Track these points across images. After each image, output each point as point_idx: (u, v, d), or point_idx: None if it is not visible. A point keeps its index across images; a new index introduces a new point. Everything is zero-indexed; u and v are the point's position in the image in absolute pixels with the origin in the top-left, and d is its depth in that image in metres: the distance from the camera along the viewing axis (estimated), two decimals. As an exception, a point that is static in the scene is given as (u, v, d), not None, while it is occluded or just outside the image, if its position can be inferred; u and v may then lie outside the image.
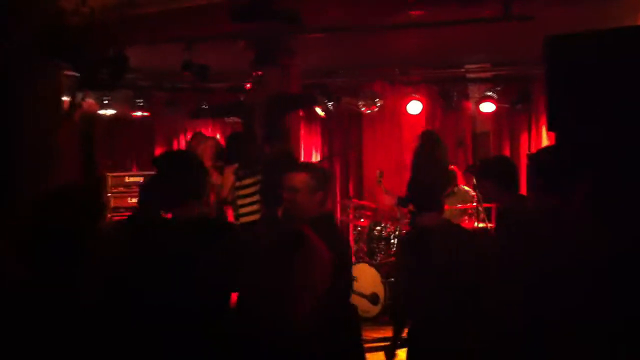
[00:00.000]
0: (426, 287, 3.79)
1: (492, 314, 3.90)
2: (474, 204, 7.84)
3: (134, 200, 9.37)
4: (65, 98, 8.93)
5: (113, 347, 2.60)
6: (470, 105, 9.77)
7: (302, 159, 10.66)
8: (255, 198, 5.64)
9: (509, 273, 3.98)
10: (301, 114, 9.80)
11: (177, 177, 3.17)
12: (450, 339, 3.72)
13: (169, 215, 3.35)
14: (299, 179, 3.65)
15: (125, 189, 9.96)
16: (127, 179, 10.08)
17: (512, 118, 9.76)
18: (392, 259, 8.01)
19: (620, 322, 2.85)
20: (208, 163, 7.45)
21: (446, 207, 6.19)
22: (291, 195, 3.60)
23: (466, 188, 8.24)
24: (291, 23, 4.78)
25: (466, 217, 8.17)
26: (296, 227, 3.45)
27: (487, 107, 9.40)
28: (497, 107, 9.38)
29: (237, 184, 6.00)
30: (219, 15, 6.14)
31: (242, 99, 8.98)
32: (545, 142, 9.43)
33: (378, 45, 8.14)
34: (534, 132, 9.60)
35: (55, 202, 2.67)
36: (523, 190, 5.30)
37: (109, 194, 9.85)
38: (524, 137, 9.68)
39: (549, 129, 3.44)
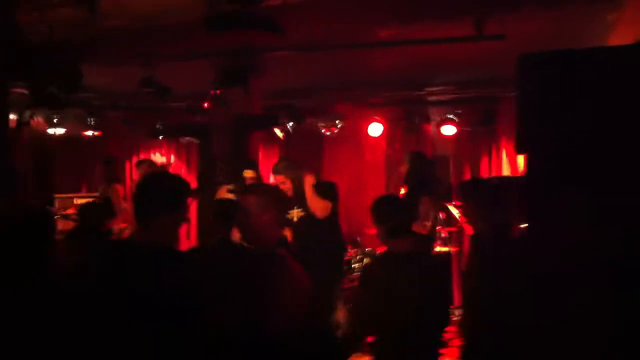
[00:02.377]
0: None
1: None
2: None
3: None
4: (12, 116, 8.66)
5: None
6: (431, 127, 9.71)
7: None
8: None
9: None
10: (260, 134, 9.61)
11: None
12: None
13: None
14: (249, 200, 3.51)
15: (73, 211, 9.53)
16: (75, 201, 9.65)
17: (473, 141, 9.71)
18: (355, 283, 7.81)
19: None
20: None
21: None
22: (242, 217, 3.41)
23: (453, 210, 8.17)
24: (270, 30, 4.56)
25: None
26: (272, 249, 3.37)
27: (448, 130, 9.35)
28: (458, 130, 9.32)
29: None
30: (180, 33, 5.92)
31: (198, 118, 8.75)
32: (505, 165, 9.44)
33: (341, 66, 8.02)
34: (494, 155, 9.58)
35: None
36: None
37: (56, 216, 9.41)
38: (484, 161, 9.65)
39: (517, 151, 3.33)
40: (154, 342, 2.78)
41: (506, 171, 9.42)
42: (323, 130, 9.57)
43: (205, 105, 7.79)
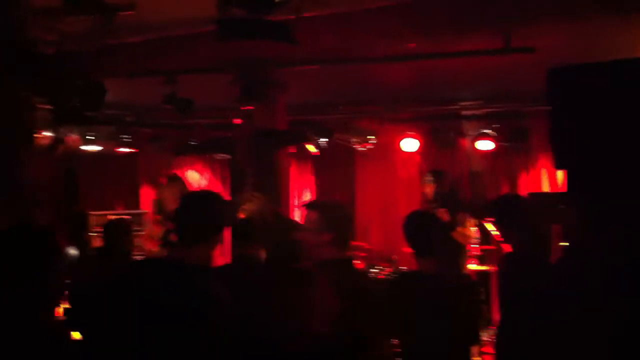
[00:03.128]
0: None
1: None
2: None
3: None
4: (48, 133, 8.76)
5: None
6: (466, 142, 9.47)
7: (291, 197, 10.39)
8: None
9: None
10: (291, 150, 9.51)
11: None
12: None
13: None
14: (309, 217, 3.50)
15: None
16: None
17: (508, 156, 9.41)
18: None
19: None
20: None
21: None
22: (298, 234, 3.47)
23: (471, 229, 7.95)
24: (284, 40, 4.43)
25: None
26: (302, 266, 3.34)
27: (485, 145, 9.09)
28: (496, 145, 9.06)
29: None
30: (202, 45, 5.85)
31: (229, 135, 8.69)
32: (545, 181, 9.13)
33: (372, 80, 7.88)
34: (531, 170, 9.28)
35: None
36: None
37: (90, 234, 9.45)
38: (521, 176, 9.35)
39: (556, 167, 3.17)
40: None
41: (545, 187, 9.11)
42: (355, 146, 9.40)
43: (235, 121, 7.74)
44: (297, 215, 10.46)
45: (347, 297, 3.15)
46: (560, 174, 8.82)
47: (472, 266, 8.12)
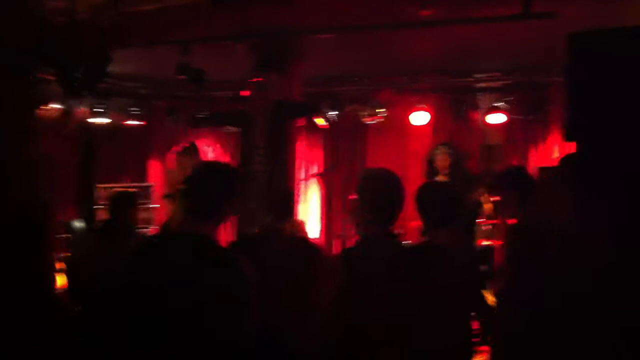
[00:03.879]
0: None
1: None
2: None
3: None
4: (57, 105, 8.66)
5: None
6: (479, 115, 9.37)
7: (302, 171, 10.33)
8: None
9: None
10: (302, 123, 9.43)
11: None
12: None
13: None
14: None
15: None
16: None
17: (524, 129, 9.33)
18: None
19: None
20: None
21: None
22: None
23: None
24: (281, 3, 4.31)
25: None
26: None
27: (498, 118, 8.99)
28: (509, 118, 8.95)
29: None
30: (218, 14, 5.75)
31: (242, 107, 8.60)
32: (555, 153, 9.05)
33: (385, 52, 7.76)
34: (547, 144, 9.19)
35: None
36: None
37: (97, 207, 9.40)
38: (534, 150, 9.27)
39: (567, 139, 3.03)
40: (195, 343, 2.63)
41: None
42: (366, 119, 9.30)
43: (247, 92, 7.65)
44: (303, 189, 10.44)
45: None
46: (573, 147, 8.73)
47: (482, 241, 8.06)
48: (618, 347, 2.59)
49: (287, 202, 4.49)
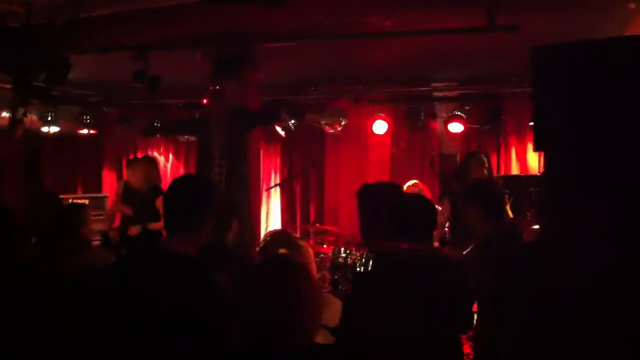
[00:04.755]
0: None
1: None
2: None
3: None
4: (5, 114, 8.39)
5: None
6: (437, 125, 9.41)
7: (261, 180, 10.20)
8: None
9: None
10: (261, 132, 9.31)
11: None
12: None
13: None
14: None
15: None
16: (70, 202, 9.36)
17: (480, 138, 9.39)
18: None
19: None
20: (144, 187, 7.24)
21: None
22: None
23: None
24: (270, 4, 4.24)
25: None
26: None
27: (455, 127, 9.02)
28: (466, 128, 8.99)
29: None
30: (174, 19, 5.61)
31: (197, 115, 8.43)
32: (514, 163, 9.14)
33: (344, 60, 7.72)
34: (502, 153, 9.27)
35: None
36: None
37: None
38: (492, 159, 9.29)
39: (535, 149, 3.08)
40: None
41: (515, 170, 9.12)
42: (325, 128, 9.24)
43: (204, 101, 7.50)
44: (265, 198, 10.32)
45: None
46: (532, 157, 8.84)
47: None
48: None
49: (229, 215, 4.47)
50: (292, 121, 8.49)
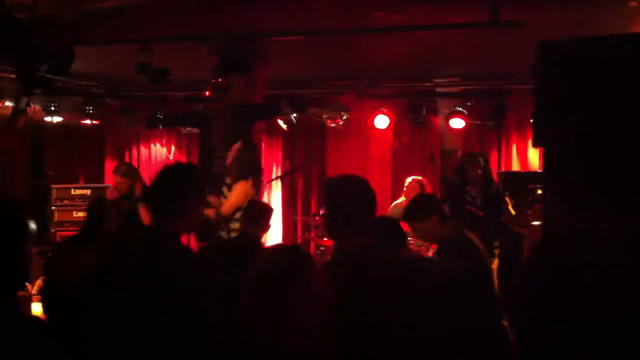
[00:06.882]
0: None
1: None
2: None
3: (80, 214, 8.73)
4: (8, 103, 8.40)
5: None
6: (439, 120, 9.43)
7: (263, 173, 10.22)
8: None
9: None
10: (263, 125, 9.34)
11: None
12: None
13: None
14: None
15: (70, 202, 9.26)
16: (72, 192, 9.40)
17: (482, 135, 9.41)
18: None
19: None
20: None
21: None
22: None
23: None
24: None
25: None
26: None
27: (457, 123, 9.04)
28: (467, 124, 9.02)
29: None
30: (179, 12, 5.63)
31: (200, 108, 8.45)
32: (515, 160, 9.17)
33: (347, 55, 7.73)
34: (503, 149, 9.29)
35: None
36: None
37: (53, 207, 9.17)
38: (493, 155, 9.34)
39: (534, 145, 3.07)
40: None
41: (516, 166, 9.15)
42: (327, 122, 9.25)
43: (206, 93, 7.51)
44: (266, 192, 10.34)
45: None
46: (533, 154, 8.86)
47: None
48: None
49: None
50: (294, 115, 8.53)
